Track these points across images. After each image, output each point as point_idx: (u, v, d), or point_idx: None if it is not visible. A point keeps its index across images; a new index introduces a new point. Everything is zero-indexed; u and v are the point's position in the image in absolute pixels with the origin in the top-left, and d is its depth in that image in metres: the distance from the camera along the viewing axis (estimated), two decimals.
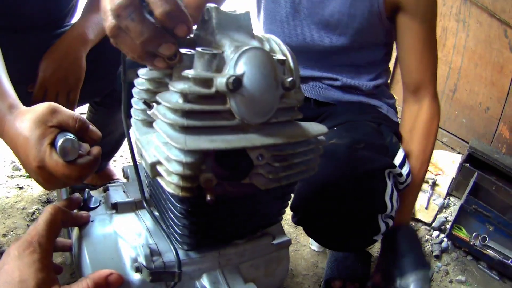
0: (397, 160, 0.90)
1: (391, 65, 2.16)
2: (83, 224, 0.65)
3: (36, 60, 1.03)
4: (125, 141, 1.46)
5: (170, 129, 0.45)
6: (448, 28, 1.88)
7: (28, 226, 1.28)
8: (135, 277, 0.60)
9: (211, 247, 0.63)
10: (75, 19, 1.24)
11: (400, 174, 0.88)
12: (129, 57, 0.47)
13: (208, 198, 0.46)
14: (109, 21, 0.44)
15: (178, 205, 0.52)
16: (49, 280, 0.51)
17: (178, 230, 0.57)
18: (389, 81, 1.15)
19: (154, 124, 0.48)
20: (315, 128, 0.56)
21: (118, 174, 1.49)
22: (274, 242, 0.70)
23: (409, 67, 0.98)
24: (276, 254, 0.72)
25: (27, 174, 1.52)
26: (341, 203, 0.79)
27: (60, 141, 0.55)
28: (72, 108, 1.08)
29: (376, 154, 0.84)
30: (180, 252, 0.61)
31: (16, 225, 1.27)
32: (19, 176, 1.50)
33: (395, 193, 0.86)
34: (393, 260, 0.91)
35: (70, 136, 0.56)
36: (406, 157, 0.92)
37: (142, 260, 0.58)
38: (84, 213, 0.66)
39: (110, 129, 1.32)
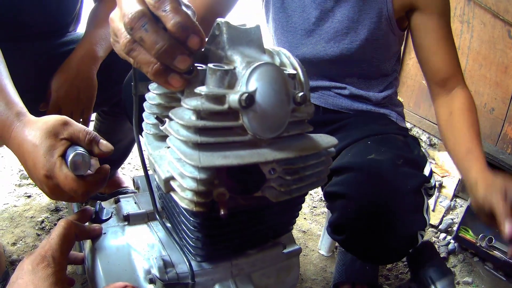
0: (427, 170, 0.91)
1: None
2: (96, 236, 0.65)
3: (41, 68, 1.04)
4: (134, 150, 1.47)
5: (183, 145, 0.46)
6: (452, 30, 1.87)
7: (37, 234, 1.29)
8: None
9: (224, 257, 0.64)
10: (80, 27, 1.25)
11: (431, 188, 0.89)
12: (144, 72, 0.46)
13: (222, 212, 0.46)
14: (122, 38, 0.44)
15: (192, 219, 0.53)
16: None
17: (191, 243, 0.57)
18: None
19: (167, 140, 0.49)
20: (325, 140, 0.56)
21: (127, 182, 1.50)
22: (285, 251, 0.71)
23: (437, 65, 0.97)
24: (287, 263, 0.72)
25: None
26: (386, 222, 0.79)
27: (71, 155, 0.56)
28: (86, 125, 1.08)
29: (413, 169, 0.84)
30: (193, 263, 0.61)
31: (25, 233, 1.28)
32: (27, 185, 1.52)
33: (430, 207, 0.87)
34: (418, 268, 0.93)
35: (81, 150, 0.56)
36: (432, 171, 0.93)
37: (155, 271, 0.59)
38: (96, 226, 0.66)
39: (118, 138, 1.33)
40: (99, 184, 0.58)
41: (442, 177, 1.78)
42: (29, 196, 1.45)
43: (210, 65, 0.46)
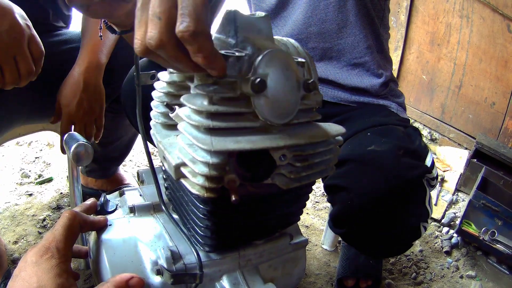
0: (428, 161, 0.89)
1: (396, 61, 2.18)
2: (101, 228, 0.65)
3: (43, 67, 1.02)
4: (135, 147, 1.46)
5: (195, 130, 0.46)
6: (452, 25, 1.88)
7: (39, 233, 1.28)
8: (156, 280, 0.60)
9: (231, 248, 0.63)
10: (72, 26, 1.23)
11: (433, 178, 0.88)
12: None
13: (233, 198, 0.46)
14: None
15: (201, 206, 0.52)
16: (68, 285, 0.50)
17: (200, 232, 0.57)
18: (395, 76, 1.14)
19: (178, 126, 0.48)
20: (334, 128, 0.56)
21: (129, 179, 1.49)
22: (292, 242, 0.70)
23: None
24: (294, 254, 0.72)
25: (37, 180, 1.52)
26: (388, 214, 0.79)
27: (73, 146, 0.55)
28: (100, 132, 1.09)
29: (414, 160, 0.83)
30: (201, 254, 0.61)
31: (27, 232, 1.27)
32: (28, 183, 1.51)
33: (432, 198, 0.86)
34: None
35: (83, 141, 0.56)
36: (433, 161, 0.91)
37: (163, 262, 0.58)
38: (101, 217, 0.65)
39: (119, 134, 1.32)
40: None
41: (444, 171, 1.79)
42: (30, 195, 1.44)
43: (222, 51, 0.46)
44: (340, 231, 0.88)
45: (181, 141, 0.48)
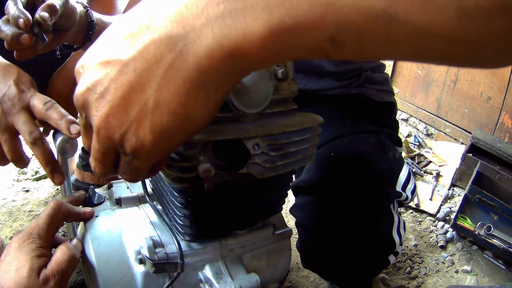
0: (402, 178, 0.83)
1: None
2: (87, 219, 0.67)
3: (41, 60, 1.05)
4: None
5: None
6: None
7: None
8: (139, 269, 0.61)
9: (213, 238, 0.64)
10: None
11: (406, 198, 0.83)
12: None
13: (206, 186, 0.47)
14: None
15: (179, 196, 0.53)
16: (45, 265, 0.53)
17: (179, 221, 0.58)
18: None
19: None
20: (310, 117, 0.57)
21: None
22: (276, 232, 0.71)
23: None
24: (278, 245, 0.73)
25: (33, 177, 1.54)
26: (348, 251, 0.75)
27: (59, 140, 0.57)
28: None
29: (379, 185, 0.77)
30: (183, 244, 0.62)
31: (24, 227, 1.29)
32: (25, 180, 1.53)
33: (401, 222, 0.81)
34: None
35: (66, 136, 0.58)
36: (410, 173, 0.85)
37: (145, 251, 0.60)
38: (87, 209, 0.67)
39: None
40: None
41: (440, 166, 1.79)
42: (27, 191, 1.47)
43: None
44: (305, 266, 0.86)
45: None
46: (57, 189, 1.48)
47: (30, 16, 0.60)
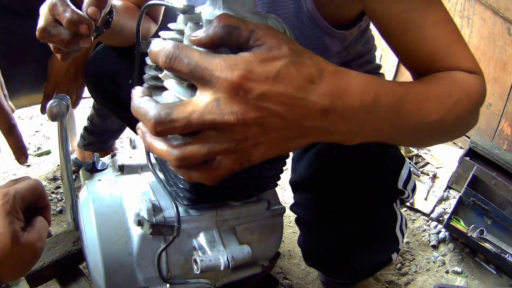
0: (403, 175, 0.82)
1: (395, 58, 2.19)
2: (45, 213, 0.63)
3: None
4: None
5: (178, 86, 0.49)
6: None
7: None
8: (137, 231, 0.64)
9: (210, 207, 0.67)
10: None
11: (408, 196, 0.84)
12: None
13: None
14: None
15: None
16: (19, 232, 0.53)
17: (180, 185, 0.61)
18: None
19: (164, 83, 0.52)
20: None
21: None
22: (270, 208, 0.74)
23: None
24: (271, 221, 0.75)
25: (35, 152, 1.57)
26: (352, 250, 0.76)
27: (48, 104, 0.59)
28: (78, 100, 1.18)
29: (384, 182, 0.77)
30: (180, 209, 0.64)
31: None
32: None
33: (404, 219, 0.82)
34: None
35: (56, 99, 0.60)
36: (410, 171, 0.85)
37: (144, 213, 0.62)
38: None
39: None
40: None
41: (437, 168, 1.81)
42: (28, 166, 1.49)
43: (207, 18, 0.49)
44: (309, 264, 0.87)
45: (166, 97, 0.51)
46: (58, 165, 1.51)
47: (92, 21, 0.61)
